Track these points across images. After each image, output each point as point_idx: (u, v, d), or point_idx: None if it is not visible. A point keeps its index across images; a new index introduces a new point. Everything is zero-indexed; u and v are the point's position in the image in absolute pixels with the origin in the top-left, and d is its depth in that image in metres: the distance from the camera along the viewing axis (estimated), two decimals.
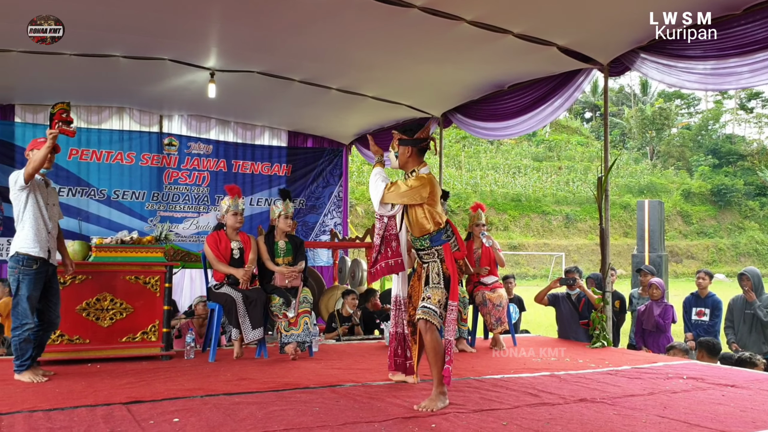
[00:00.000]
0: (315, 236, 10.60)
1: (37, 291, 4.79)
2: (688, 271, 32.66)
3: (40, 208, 4.82)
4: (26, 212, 4.78)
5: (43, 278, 4.84)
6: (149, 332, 5.79)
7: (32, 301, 4.75)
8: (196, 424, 3.51)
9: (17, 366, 4.76)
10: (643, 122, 45.33)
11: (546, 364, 5.64)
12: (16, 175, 4.77)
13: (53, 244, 4.94)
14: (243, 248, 6.04)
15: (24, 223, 4.78)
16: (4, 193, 8.54)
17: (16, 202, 4.80)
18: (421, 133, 4.30)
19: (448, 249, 4.21)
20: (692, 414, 3.83)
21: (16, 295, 4.76)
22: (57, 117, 4.65)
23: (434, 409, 3.86)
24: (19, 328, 4.73)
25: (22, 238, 4.76)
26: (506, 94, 7.86)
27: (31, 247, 4.74)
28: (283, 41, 6.82)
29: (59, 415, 3.68)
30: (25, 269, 4.72)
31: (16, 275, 4.73)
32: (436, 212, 4.22)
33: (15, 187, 4.76)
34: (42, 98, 8.77)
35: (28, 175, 4.70)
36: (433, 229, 4.21)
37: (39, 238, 4.78)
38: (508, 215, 35.54)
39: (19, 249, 4.74)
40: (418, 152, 4.31)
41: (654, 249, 14.71)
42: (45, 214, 4.85)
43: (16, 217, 4.82)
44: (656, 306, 7.36)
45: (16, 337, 4.74)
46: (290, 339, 5.83)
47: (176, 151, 9.69)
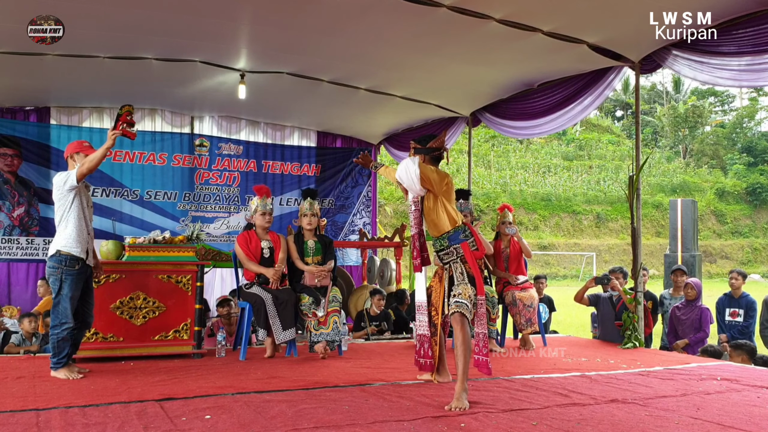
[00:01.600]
0: (344, 236, 10.64)
1: (78, 291, 4.86)
2: (722, 272, 32.08)
3: (83, 209, 4.90)
4: (71, 213, 4.84)
5: (83, 278, 4.92)
6: (181, 330, 5.86)
7: (73, 301, 4.82)
8: (227, 421, 3.55)
9: (54, 363, 4.83)
10: (676, 120, 44.63)
11: (576, 364, 5.60)
12: (66, 176, 4.82)
13: (92, 245, 5.03)
14: (273, 247, 6.09)
15: (67, 224, 4.84)
16: (40, 194, 8.79)
17: (62, 202, 4.85)
18: (434, 143, 4.46)
19: (467, 247, 4.30)
20: (726, 416, 3.78)
21: (57, 295, 4.81)
22: (123, 119, 4.70)
23: (463, 408, 3.86)
24: (58, 327, 4.80)
25: (65, 238, 4.83)
26: (535, 92, 7.81)
27: (74, 247, 4.82)
28: (312, 42, 6.87)
29: (94, 411, 3.75)
30: (67, 269, 4.79)
31: (58, 275, 4.79)
32: (452, 208, 4.35)
33: (64, 188, 4.81)
34: (77, 101, 8.96)
35: (81, 175, 4.77)
36: (450, 228, 4.31)
37: (81, 239, 4.85)
38: (538, 215, 35.26)
39: (61, 248, 4.81)
40: (432, 160, 4.47)
41: (687, 249, 14.50)
42: (87, 216, 4.93)
43: (60, 217, 4.88)
44: (691, 307, 7.23)
45: (54, 336, 4.82)
46: (320, 338, 5.87)
47: (207, 151, 9.81)
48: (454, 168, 32.79)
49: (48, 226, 8.79)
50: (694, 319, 7.14)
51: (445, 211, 4.32)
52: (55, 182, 4.88)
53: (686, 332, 7.17)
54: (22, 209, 8.76)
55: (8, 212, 8.70)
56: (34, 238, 8.78)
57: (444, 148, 4.51)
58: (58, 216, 4.89)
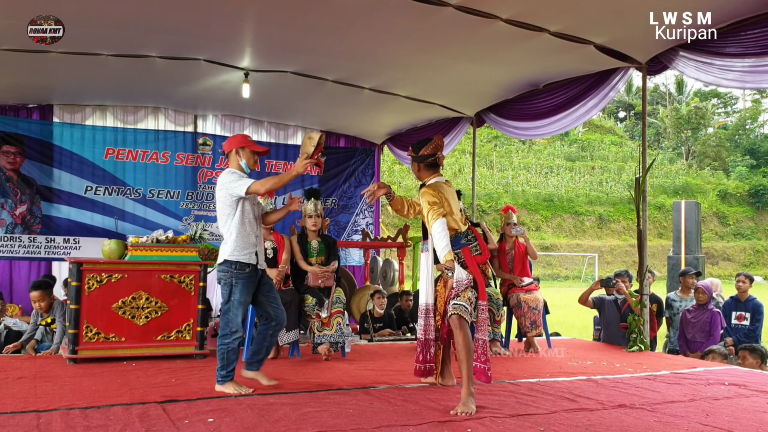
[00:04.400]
0: (347, 236, 10.59)
1: (249, 297, 4.58)
2: (724, 273, 32.04)
3: (248, 217, 4.57)
4: (234, 221, 4.51)
5: (254, 283, 4.62)
6: (184, 331, 5.82)
7: (244, 308, 4.56)
8: (230, 425, 3.51)
9: (222, 377, 4.45)
10: (679, 122, 44.58)
11: (582, 367, 5.55)
12: (234, 179, 4.50)
13: (260, 248, 4.71)
14: (276, 248, 6.05)
15: (231, 232, 4.51)
16: (43, 192, 8.75)
17: (225, 207, 4.53)
18: (426, 149, 4.47)
19: (468, 252, 4.30)
20: (736, 423, 3.73)
21: (227, 302, 4.51)
22: (320, 149, 4.47)
23: (469, 413, 3.81)
24: (228, 336, 4.46)
25: (230, 247, 4.50)
26: (541, 93, 7.75)
27: (241, 255, 4.49)
28: (317, 41, 6.83)
29: (95, 413, 3.71)
30: (237, 273, 4.48)
31: (228, 280, 4.49)
32: (451, 219, 4.31)
33: (229, 192, 4.49)
34: (80, 98, 8.92)
35: (253, 192, 4.46)
36: (452, 234, 4.28)
37: (247, 244, 4.53)
38: (540, 215, 35.22)
39: (227, 257, 4.49)
40: (427, 166, 4.49)
41: (690, 250, 14.47)
42: (252, 222, 4.61)
43: (223, 223, 4.58)
44: (702, 311, 7.17)
45: (224, 346, 4.45)
46: (323, 339, 5.83)
47: (210, 150, 9.76)
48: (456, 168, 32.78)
49: (50, 224, 8.76)
50: (705, 323, 7.08)
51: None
52: (221, 181, 4.54)
53: (696, 336, 7.12)
54: (25, 207, 8.72)
55: (11, 210, 8.65)
56: (36, 236, 8.73)
57: (438, 153, 4.48)
58: (222, 221, 4.58)
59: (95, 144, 9.10)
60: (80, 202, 8.98)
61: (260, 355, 4.73)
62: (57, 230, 8.83)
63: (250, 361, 4.71)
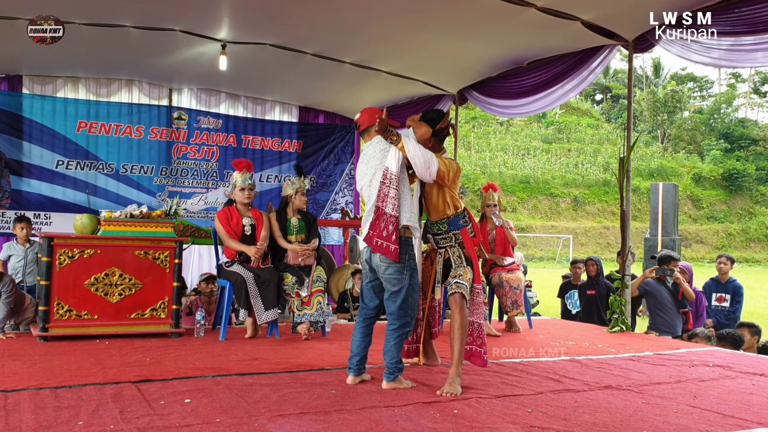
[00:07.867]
0: (326, 214, 10.44)
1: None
2: (697, 256, 32.48)
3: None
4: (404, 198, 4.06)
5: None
6: (158, 309, 5.66)
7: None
8: (208, 406, 3.38)
9: (399, 370, 4.00)
10: (655, 105, 44.88)
11: (565, 347, 5.49)
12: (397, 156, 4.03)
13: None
14: (255, 225, 5.89)
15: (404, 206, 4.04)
16: (12, 166, 8.46)
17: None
18: (442, 123, 4.33)
19: (466, 233, 4.22)
20: (724, 404, 3.68)
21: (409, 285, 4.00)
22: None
23: (455, 393, 3.72)
24: (409, 324, 4.06)
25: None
26: (525, 71, 7.62)
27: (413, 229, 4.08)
28: (296, 12, 6.61)
29: (67, 393, 3.56)
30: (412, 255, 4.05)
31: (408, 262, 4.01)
32: (455, 196, 4.24)
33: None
34: (50, 69, 8.60)
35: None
36: (452, 213, 4.21)
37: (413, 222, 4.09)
38: (516, 197, 35.34)
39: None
40: (439, 140, 4.37)
41: (667, 233, 14.49)
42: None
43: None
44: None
45: (404, 335, 4.05)
46: (303, 319, 5.70)
47: (185, 125, 9.51)
48: None
49: (20, 198, 8.48)
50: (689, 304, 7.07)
51: (450, 196, 4.21)
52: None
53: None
54: None
55: None
56: (5, 212, 8.44)
57: (451, 125, 4.42)
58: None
59: (67, 117, 8.79)
60: (51, 176, 8.68)
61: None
62: (27, 205, 8.54)
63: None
